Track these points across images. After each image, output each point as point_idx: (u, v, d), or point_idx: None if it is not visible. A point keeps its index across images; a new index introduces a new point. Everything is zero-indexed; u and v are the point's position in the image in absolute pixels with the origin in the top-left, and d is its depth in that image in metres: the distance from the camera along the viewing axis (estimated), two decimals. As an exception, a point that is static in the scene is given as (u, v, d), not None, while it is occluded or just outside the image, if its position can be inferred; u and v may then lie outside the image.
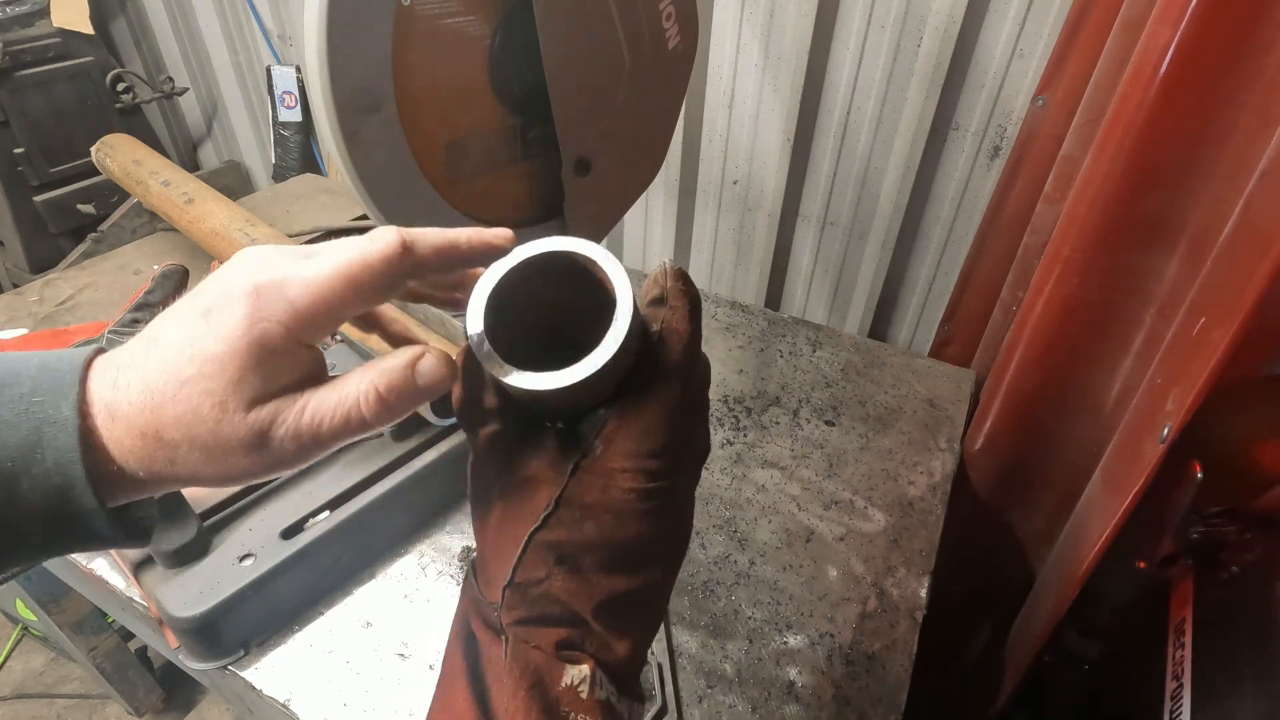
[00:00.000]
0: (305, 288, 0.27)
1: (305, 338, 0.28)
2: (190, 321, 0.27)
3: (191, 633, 0.59)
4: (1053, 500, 0.87)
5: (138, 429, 0.26)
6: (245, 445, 0.27)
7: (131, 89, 1.75)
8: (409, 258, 0.28)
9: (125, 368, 0.27)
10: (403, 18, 0.54)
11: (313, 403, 0.27)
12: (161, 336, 0.27)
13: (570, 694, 0.31)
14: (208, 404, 0.26)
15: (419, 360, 0.28)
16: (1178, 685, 0.61)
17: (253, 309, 0.26)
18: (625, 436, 0.30)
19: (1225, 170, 0.64)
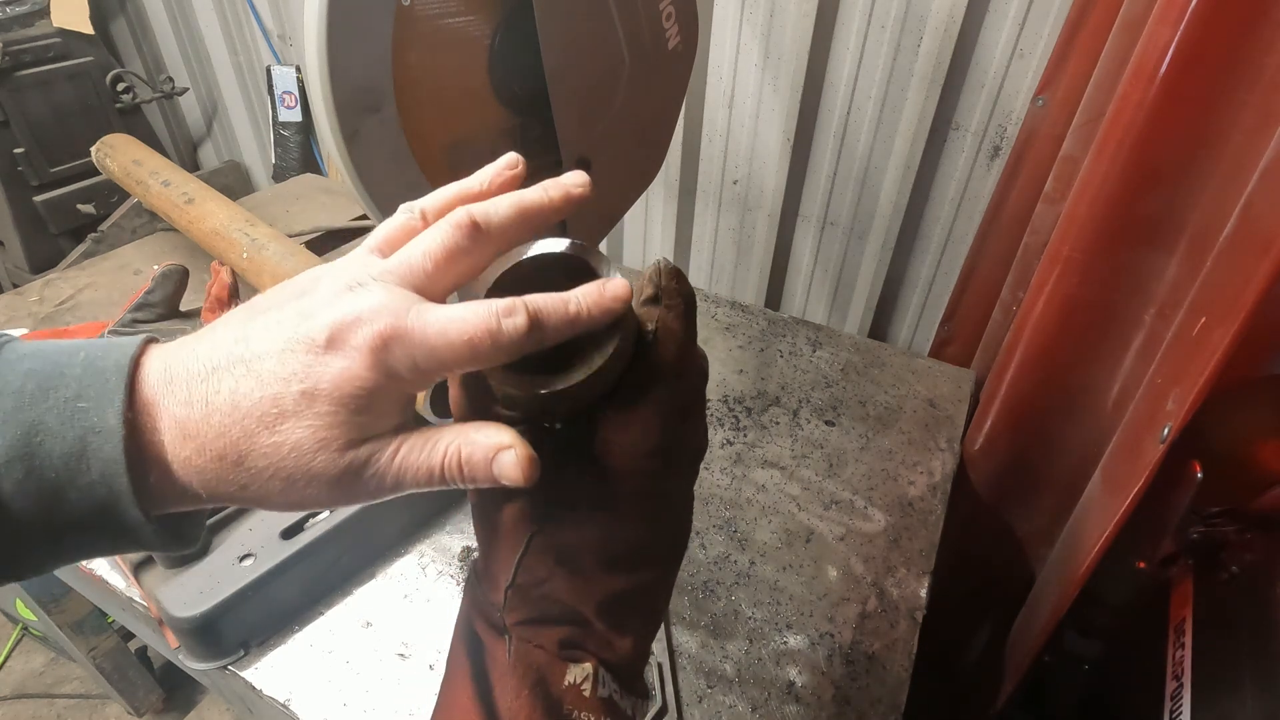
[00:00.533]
0: (430, 352, 0.26)
1: (416, 390, 0.28)
2: (302, 349, 0.25)
3: (191, 633, 0.59)
4: (1053, 500, 0.87)
5: (216, 451, 0.25)
6: (332, 481, 0.26)
7: (131, 89, 1.75)
8: (533, 338, 0.27)
9: (202, 380, 0.25)
10: (403, 18, 0.54)
11: (404, 449, 0.27)
12: (258, 355, 0.25)
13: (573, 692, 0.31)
14: (310, 440, 0.25)
15: (502, 452, 0.27)
16: (1178, 685, 0.61)
17: (378, 358, 0.25)
18: (621, 437, 0.30)
19: (1225, 170, 0.64)
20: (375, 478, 0.27)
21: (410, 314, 0.26)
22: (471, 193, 0.31)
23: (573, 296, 0.28)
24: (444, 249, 0.28)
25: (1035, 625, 0.77)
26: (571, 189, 0.31)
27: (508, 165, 0.32)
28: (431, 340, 0.26)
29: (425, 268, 0.28)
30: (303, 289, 0.28)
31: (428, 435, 0.28)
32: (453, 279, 0.29)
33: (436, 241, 0.28)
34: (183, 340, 0.27)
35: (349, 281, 0.27)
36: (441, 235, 0.28)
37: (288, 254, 0.86)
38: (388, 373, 0.26)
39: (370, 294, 0.26)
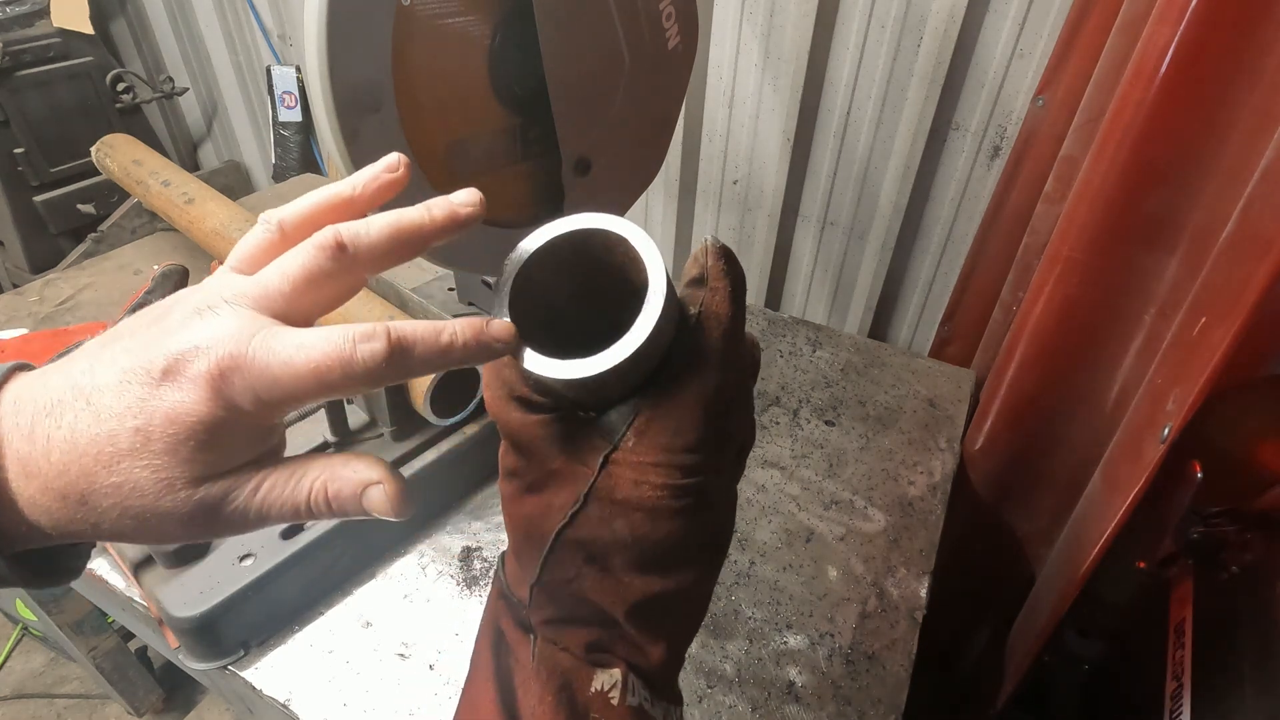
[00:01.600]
0: (273, 383, 0.24)
1: (266, 423, 0.26)
2: (138, 381, 0.24)
3: (191, 633, 0.59)
4: (1053, 500, 0.87)
5: (58, 490, 0.23)
6: (187, 519, 0.25)
7: (131, 89, 1.75)
8: (394, 368, 0.25)
9: (46, 414, 0.24)
10: (403, 18, 0.54)
11: (265, 485, 0.26)
12: (99, 387, 0.24)
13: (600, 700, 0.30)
14: (150, 480, 0.24)
15: (370, 488, 0.26)
16: (1178, 685, 0.61)
17: (214, 389, 0.24)
18: (658, 429, 0.28)
19: (1225, 170, 0.64)
20: (237, 513, 0.25)
21: (255, 341, 0.24)
22: (342, 198, 0.29)
23: (448, 326, 0.26)
24: (304, 270, 0.26)
25: (1035, 625, 0.77)
26: (459, 209, 0.28)
27: (387, 168, 0.29)
28: (274, 369, 0.24)
29: (282, 289, 0.26)
30: (159, 314, 0.26)
31: (292, 469, 0.26)
32: (314, 302, 0.26)
33: (297, 262, 0.26)
34: (43, 369, 0.25)
35: (200, 305, 0.25)
36: (303, 256, 0.26)
37: (288, 254, 0.86)
38: (226, 405, 0.24)
39: (215, 320, 0.25)
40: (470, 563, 0.71)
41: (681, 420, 0.29)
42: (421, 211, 0.28)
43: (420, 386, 0.67)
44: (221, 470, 0.25)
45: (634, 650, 0.31)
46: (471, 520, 0.75)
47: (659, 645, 0.31)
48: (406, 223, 0.27)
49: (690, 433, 0.29)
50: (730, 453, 0.32)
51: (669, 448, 0.29)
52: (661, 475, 0.29)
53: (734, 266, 0.30)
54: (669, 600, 0.31)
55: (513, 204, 0.70)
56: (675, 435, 0.29)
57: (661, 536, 0.29)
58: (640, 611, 0.30)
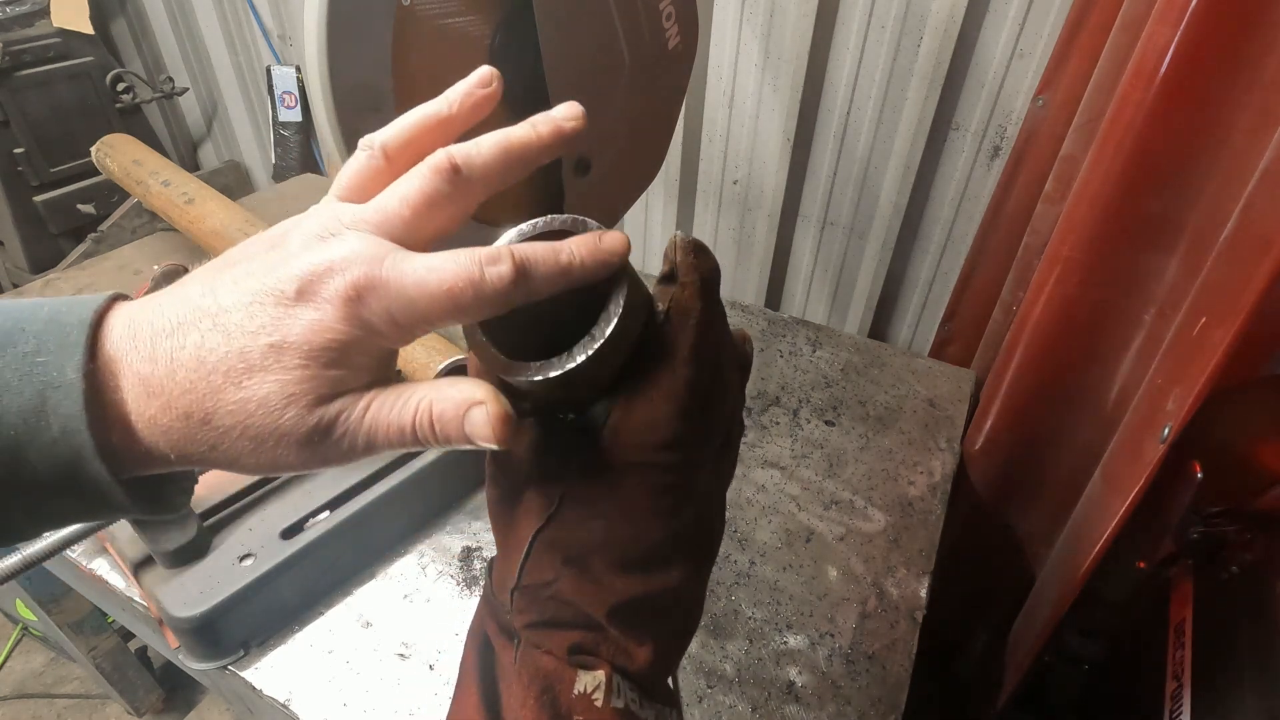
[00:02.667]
0: (409, 304, 0.24)
1: (396, 344, 0.26)
2: (270, 301, 0.24)
3: (191, 633, 0.59)
4: (1053, 500, 0.87)
5: (181, 409, 0.23)
6: (302, 440, 0.24)
7: (131, 89, 1.75)
8: (520, 289, 0.25)
9: (167, 336, 0.24)
10: (403, 18, 0.54)
11: (374, 405, 0.25)
12: (225, 308, 0.24)
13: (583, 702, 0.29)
14: (278, 396, 0.24)
15: (473, 408, 0.25)
16: (1178, 685, 0.61)
17: (351, 310, 0.24)
18: (631, 427, 0.28)
19: (1225, 170, 0.64)
20: (346, 436, 0.25)
21: (386, 263, 0.24)
22: (440, 117, 0.28)
23: (565, 246, 0.26)
24: (423, 195, 0.26)
25: (1035, 625, 0.77)
26: (563, 123, 0.28)
27: (480, 83, 0.29)
28: (409, 290, 0.24)
29: (403, 215, 0.26)
30: (274, 241, 0.26)
31: (400, 391, 0.26)
32: (434, 227, 0.27)
33: (414, 187, 0.26)
34: (151, 296, 0.25)
35: (320, 231, 0.25)
36: (420, 180, 0.26)
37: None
38: (362, 325, 0.24)
39: (343, 243, 0.25)
40: (470, 563, 0.71)
41: (654, 418, 0.28)
42: (528, 129, 0.28)
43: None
44: (342, 390, 0.25)
45: (619, 652, 0.31)
46: (471, 520, 0.75)
47: (645, 647, 0.31)
48: (516, 140, 0.28)
49: (664, 430, 0.28)
50: (711, 449, 0.31)
51: (642, 446, 0.28)
52: (636, 474, 0.29)
53: (704, 260, 0.29)
54: (653, 601, 0.30)
55: (513, 204, 0.70)
56: (649, 433, 0.28)
57: (641, 536, 0.29)
58: (622, 613, 0.30)
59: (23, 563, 0.57)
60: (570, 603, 0.30)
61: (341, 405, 0.25)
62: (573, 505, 0.29)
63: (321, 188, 1.51)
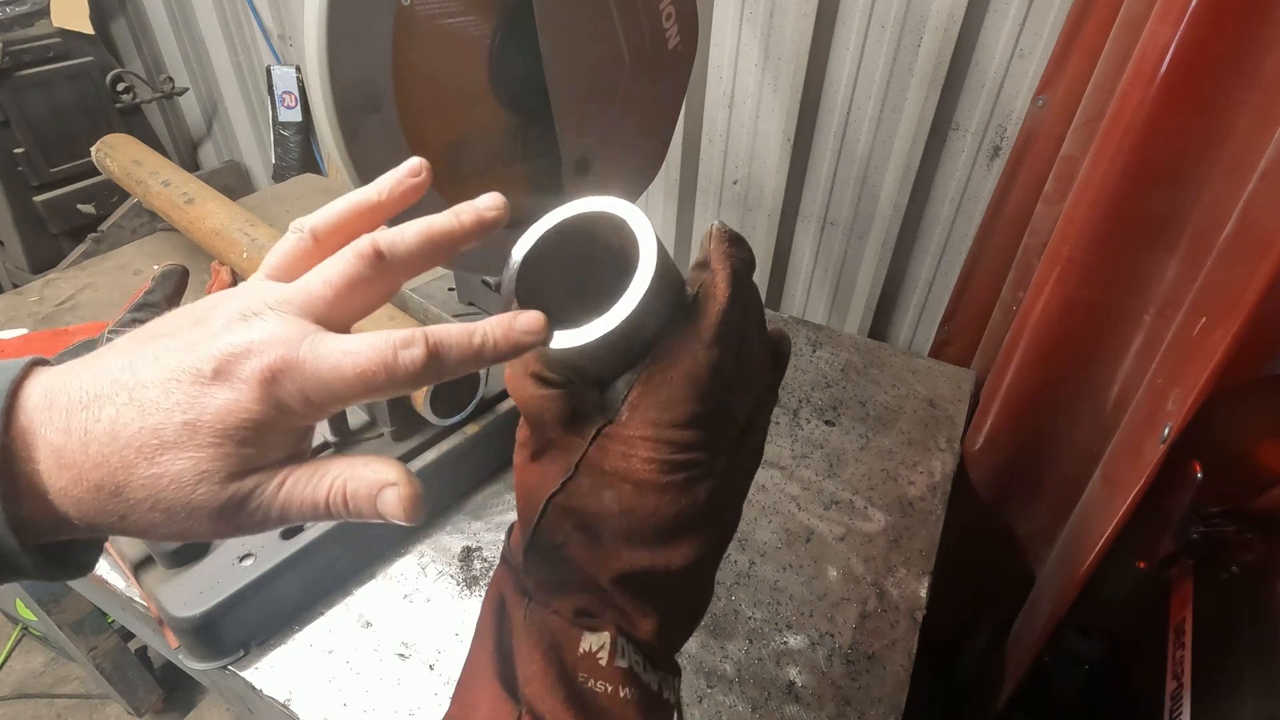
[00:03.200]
0: (322, 385, 0.25)
1: (309, 423, 0.27)
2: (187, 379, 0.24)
3: (191, 633, 0.59)
4: (1053, 500, 0.87)
5: (93, 482, 0.24)
6: (214, 513, 0.25)
7: (131, 89, 1.75)
8: (433, 372, 0.26)
9: (83, 408, 0.24)
10: (403, 18, 0.54)
11: (289, 481, 0.26)
12: (142, 383, 0.24)
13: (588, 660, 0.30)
14: (190, 472, 0.24)
15: (385, 489, 0.27)
16: (1178, 685, 0.61)
17: (267, 391, 0.25)
18: (649, 404, 0.29)
19: (1225, 170, 0.64)
20: (260, 510, 0.26)
21: (303, 346, 0.25)
22: (369, 204, 0.30)
23: (479, 329, 0.27)
24: (345, 278, 0.27)
25: (1035, 625, 0.77)
26: (485, 213, 0.30)
27: (409, 173, 0.30)
28: (324, 373, 0.25)
29: (326, 296, 0.27)
30: (197, 318, 0.27)
31: (315, 468, 0.27)
32: (355, 308, 0.28)
33: (338, 270, 0.27)
34: (70, 364, 0.26)
35: (244, 310, 0.26)
36: (344, 264, 0.27)
37: (288, 254, 0.86)
38: (277, 405, 0.25)
39: (264, 324, 0.26)
40: (470, 563, 0.71)
41: (672, 396, 0.29)
42: (450, 217, 0.29)
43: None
44: (257, 466, 0.26)
45: (623, 620, 0.32)
46: (471, 520, 0.75)
47: (649, 619, 0.32)
48: (438, 229, 0.29)
49: (680, 408, 0.29)
50: (729, 434, 0.32)
51: (658, 422, 0.29)
52: (649, 449, 0.29)
53: (738, 249, 0.30)
54: (658, 575, 0.31)
55: (513, 204, 0.70)
56: (665, 410, 0.29)
57: (649, 510, 0.30)
58: (627, 582, 0.31)
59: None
60: (577, 566, 0.31)
61: (256, 480, 0.26)
62: (588, 473, 0.30)
63: (321, 188, 1.51)
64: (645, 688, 0.31)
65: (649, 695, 0.31)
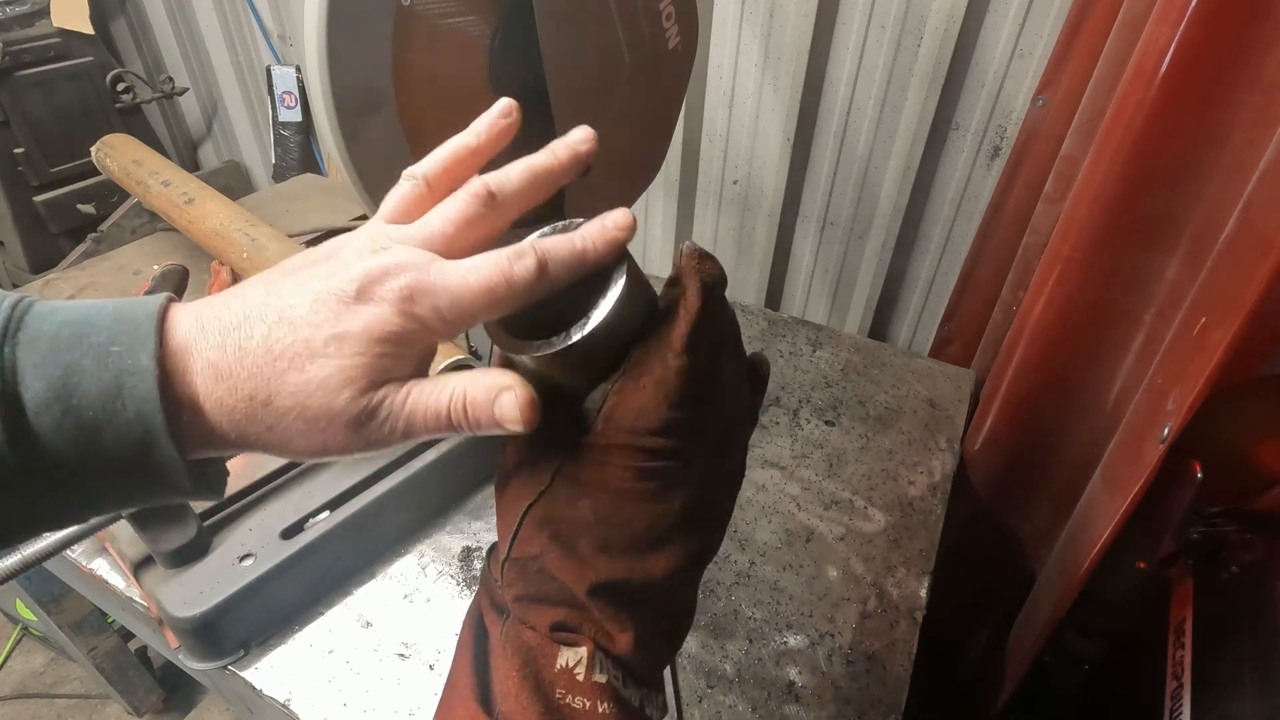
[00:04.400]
0: (454, 301, 0.27)
1: (443, 338, 0.29)
2: (333, 300, 0.27)
3: (191, 633, 0.59)
4: (1053, 500, 0.87)
5: (247, 392, 0.26)
6: (350, 422, 0.27)
7: (131, 89, 1.75)
8: (544, 279, 0.29)
9: (235, 328, 0.26)
10: (403, 18, 0.54)
11: (414, 393, 0.28)
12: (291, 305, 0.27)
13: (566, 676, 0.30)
14: (337, 379, 0.26)
15: (502, 393, 0.28)
16: (1178, 685, 0.61)
17: (406, 308, 0.27)
18: (623, 412, 0.30)
19: (1225, 170, 0.64)
20: (389, 420, 0.28)
21: (432, 269, 0.28)
22: (470, 147, 0.32)
23: (579, 234, 0.30)
24: (463, 215, 0.30)
25: (1035, 625, 0.77)
26: (578, 146, 0.33)
27: (501, 114, 0.33)
28: (454, 289, 0.27)
29: (446, 232, 0.29)
30: (329, 253, 0.29)
31: (438, 380, 0.29)
32: (471, 243, 0.30)
33: (455, 209, 0.30)
34: (210, 298, 0.28)
35: (372, 245, 0.29)
36: (460, 204, 0.30)
37: (288, 254, 0.86)
38: (415, 320, 0.27)
39: (394, 254, 0.28)
40: (470, 563, 0.71)
41: (644, 404, 0.30)
42: (548, 155, 0.32)
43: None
44: (391, 378, 0.28)
45: (601, 634, 0.31)
46: (471, 520, 0.75)
47: (627, 633, 0.31)
48: (540, 166, 0.32)
49: (652, 416, 0.30)
50: (705, 443, 0.32)
51: (632, 429, 0.30)
52: (623, 457, 0.30)
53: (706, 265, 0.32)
54: (635, 587, 0.31)
55: (513, 204, 0.70)
56: (638, 418, 0.30)
57: (625, 519, 0.31)
58: (603, 593, 0.31)
59: (22, 563, 0.57)
60: (554, 578, 0.31)
61: (387, 391, 0.28)
62: (563, 484, 0.31)
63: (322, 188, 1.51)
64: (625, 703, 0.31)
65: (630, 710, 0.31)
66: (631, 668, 0.32)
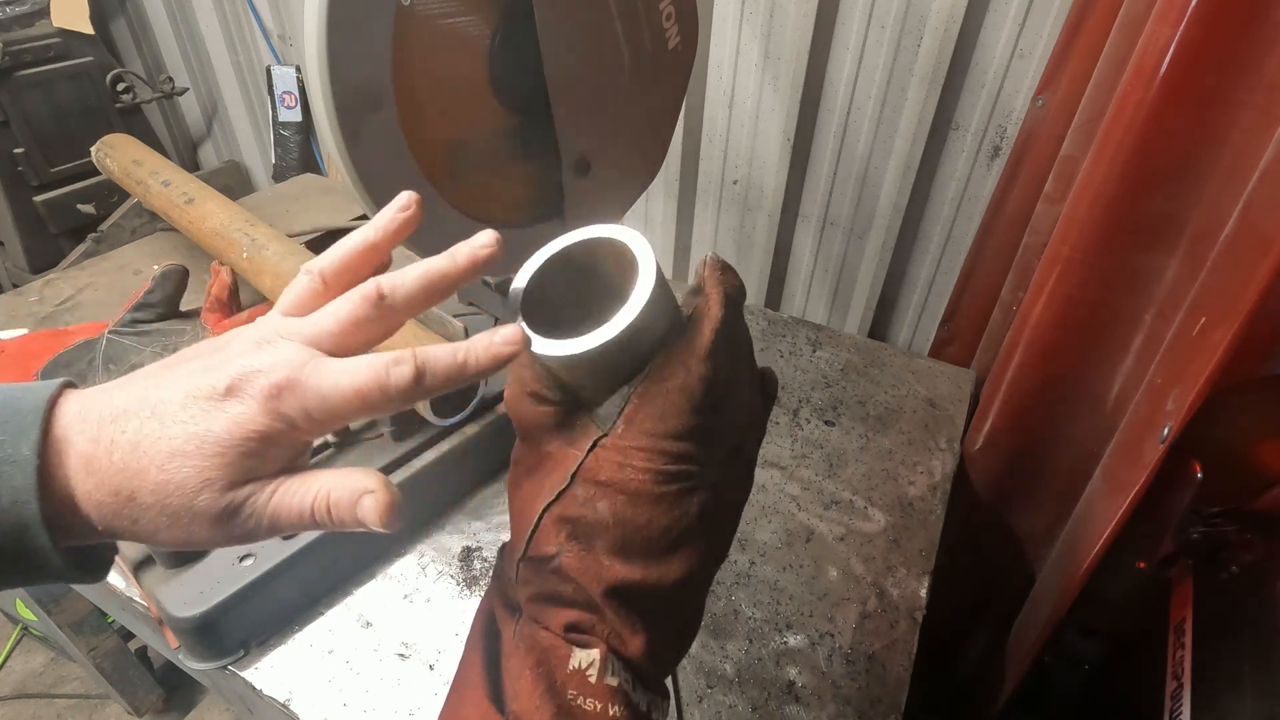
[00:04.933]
0: (323, 402, 0.28)
1: (310, 438, 0.30)
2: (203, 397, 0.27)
3: (191, 633, 0.59)
4: (1053, 500, 0.87)
5: (112, 487, 0.27)
6: (213, 519, 0.28)
7: (131, 89, 1.75)
8: (420, 389, 0.29)
9: (112, 421, 0.27)
10: (403, 18, 0.54)
11: (280, 490, 0.29)
12: (164, 400, 0.27)
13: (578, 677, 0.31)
14: (195, 480, 0.27)
15: (364, 496, 0.29)
16: (1178, 685, 0.61)
17: (272, 405, 0.27)
18: (644, 416, 0.31)
19: (1225, 170, 0.64)
20: (253, 516, 0.28)
21: (308, 367, 0.28)
22: (369, 243, 0.33)
23: (463, 346, 0.30)
24: (351, 316, 0.30)
25: (1035, 625, 0.77)
26: (478, 252, 0.32)
27: (400, 208, 0.33)
28: (325, 390, 0.28)
29: (331, 330, 0.30)
30: (218, 346, 0.30)
31: (305, 478, 0.29)
32: (358, 343, 0.30)
33: (345, 309, 0.30)
34: (102, 386, 0.29)
35: (258, 339, 0.29)
36: (350, 304, 0.30)
37: (288, 254, 0.86)
38: (280, 419, 0.28)
39: (274, 349, 0.29)
40: (470, 563, 0.71)
41: (666, 408, 0.31)
42: (447, 259, 0.32)
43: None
44: (255, 476, 0.28)
45: (614, 636, 0.32)
46: (471, 520, 0.75)
47: (639, 636, 0.32)
48: (435, 271, 0.31)
49: (674, 420, 0.30)
50: (720, 450, 0.33)
51: (653, 433, 0.30)
52: (644, 459, 0.30)
53: (729, 277, 0.33)
54: (649, 591, 0.32)
55: (513, 204, 0.70)
56: (660, 422, 0.30)
57: (643, 522, 0.31)
58: (619, 595, 0.31)
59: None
60: (569, 578, 0.32)
61: (251, 490, 0.28)
62: (584, 484, 0.31)
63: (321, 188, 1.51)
64: (635, 708, 0.31)
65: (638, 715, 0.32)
66: (641, 671, 0.33)
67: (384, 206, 0.33)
